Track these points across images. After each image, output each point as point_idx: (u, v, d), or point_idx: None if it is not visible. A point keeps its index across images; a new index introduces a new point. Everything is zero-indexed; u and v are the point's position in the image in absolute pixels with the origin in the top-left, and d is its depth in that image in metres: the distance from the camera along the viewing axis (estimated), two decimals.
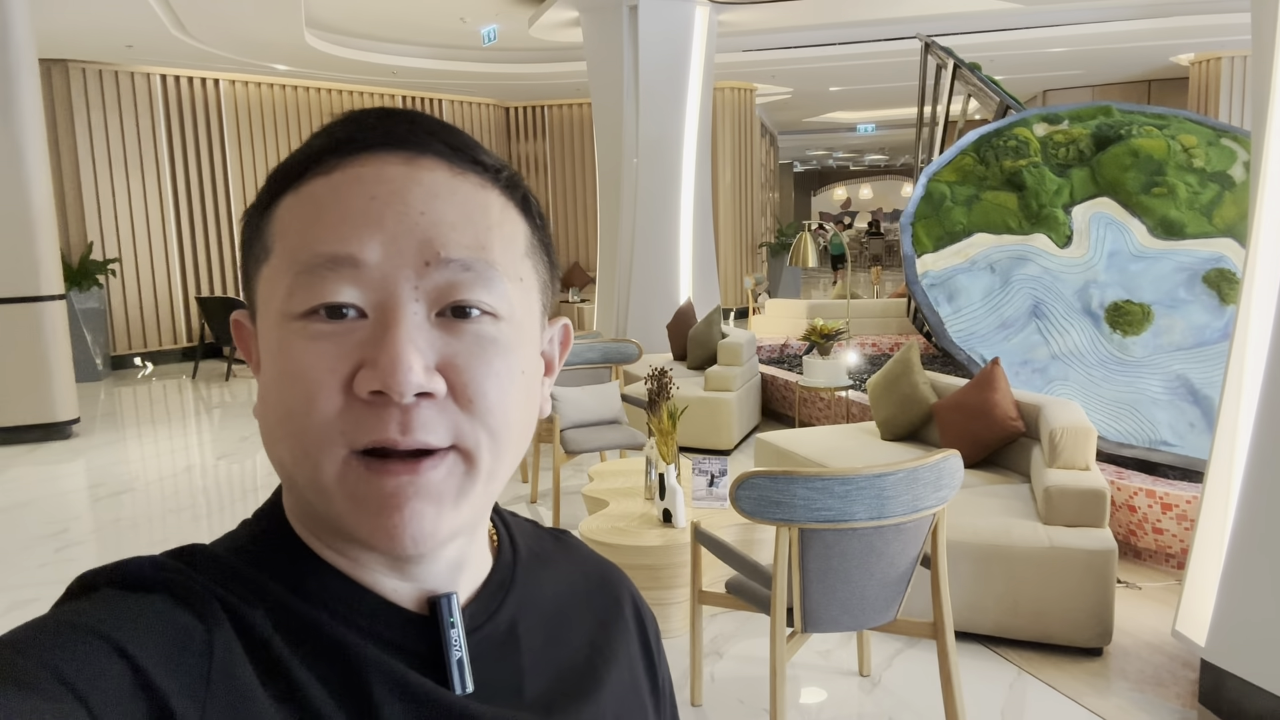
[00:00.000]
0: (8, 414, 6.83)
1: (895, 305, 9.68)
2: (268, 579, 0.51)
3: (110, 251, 10.54)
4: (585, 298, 13.23)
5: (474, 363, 0.50)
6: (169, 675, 0.43)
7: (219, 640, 0.45)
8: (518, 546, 0.62)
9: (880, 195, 34.46)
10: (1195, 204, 5.71)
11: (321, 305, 0.48)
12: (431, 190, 0.50)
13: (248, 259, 0.54)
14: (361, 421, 0.48)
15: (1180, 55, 12.46)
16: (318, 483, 0.49)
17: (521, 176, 0.56)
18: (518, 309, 0.53)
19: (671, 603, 3.41)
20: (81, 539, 4.83)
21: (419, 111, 0.53)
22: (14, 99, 6.60)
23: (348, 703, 0.48)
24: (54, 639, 0.42)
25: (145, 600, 0.46)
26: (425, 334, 0.49)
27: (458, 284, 0.49)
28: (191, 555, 0.51)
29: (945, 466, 2.51)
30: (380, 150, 0.51)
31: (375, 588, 0.53)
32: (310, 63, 10.67)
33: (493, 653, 0.55)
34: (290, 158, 0.53)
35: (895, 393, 4.49)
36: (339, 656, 0.49)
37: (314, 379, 0.48)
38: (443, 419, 0.49)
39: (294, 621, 0.49)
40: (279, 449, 0.50)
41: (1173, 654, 3.21)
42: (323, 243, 0.49)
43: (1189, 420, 4.84)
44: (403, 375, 0.46)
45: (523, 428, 0.53)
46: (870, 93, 15.26)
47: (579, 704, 0.58)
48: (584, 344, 5.35)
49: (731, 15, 9.54)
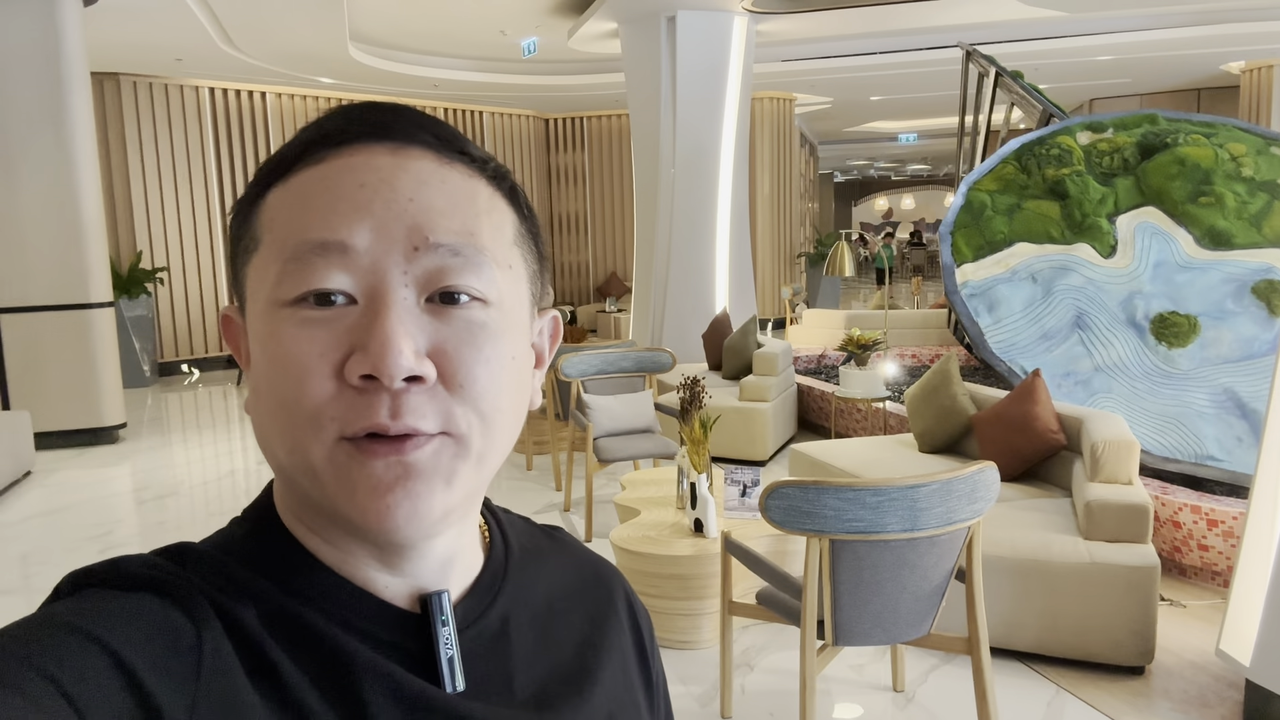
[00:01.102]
0: (57, 418, 7.00)
1: (935, 316, 9.57)
2: (258, 577, 0.51)
3: (159, 260, 10.78)
4: (622, 307, 13.25)
5: (464, 348, 0.49)
6: (157, 674, 0.42)
7: (208, 639, 0.45)
8: (510, 543, 0.62)
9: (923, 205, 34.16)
10: (1244, 214, 5.58)
11: (311, 292, 0.48)
12: (420, 178, 0.51)
13: (236, 252, 0.54)
14: (352, 407, 0.48)
15: (1231, 63, 12.21)
16: (309, 468, 0.49)
17: (508, 169, 0.56)
18: (507, 296, 0.53)
19: (702, 613, 3.39)
20: (125, 541, 4.92)
21: (406, 105, 0.54)
22: (67, 111, 6.78)
23: (338, 701, 0.48)
24: (41, 638, 0.42)
25: (134, 599, 0.46)
26: (415, 319, 0.49)
27: (447, 269, 0.50)
28: (181, 554, 0.51)
29: (981, 479, 2.47)
30: (369, 141, 0.51)
31: (367, 585, 0.52)
32: (354, 75, 10.84)
33: (484, 651, 0.55)
34: (279, 150, 0.53)
35: (933, 404, 4.43)
36: (329, 655, 0.49)
37: (305, 365, 0.48)
38: (433, 404, 0.49)
39: (284, 620, 0.49)
40: (271, 438, 0.50)
41: (1217, 674, 3.12)
42: (312, 230, 0.49)
43: (1236, 434, 4.72)
44: (393, 359, 0.46)
45: (514, 413, 0.53)
46: (911, 102, 15.13)
47: (572, 701, 0.57)
48: (618, 353, 5.35)
49: (770, 25, 9.52)
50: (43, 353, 6.94)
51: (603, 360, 5.25)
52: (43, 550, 4.79)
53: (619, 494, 4.12)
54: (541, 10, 9.21)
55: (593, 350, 5.41)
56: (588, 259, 15.05)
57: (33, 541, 4.95)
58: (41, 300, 6.89)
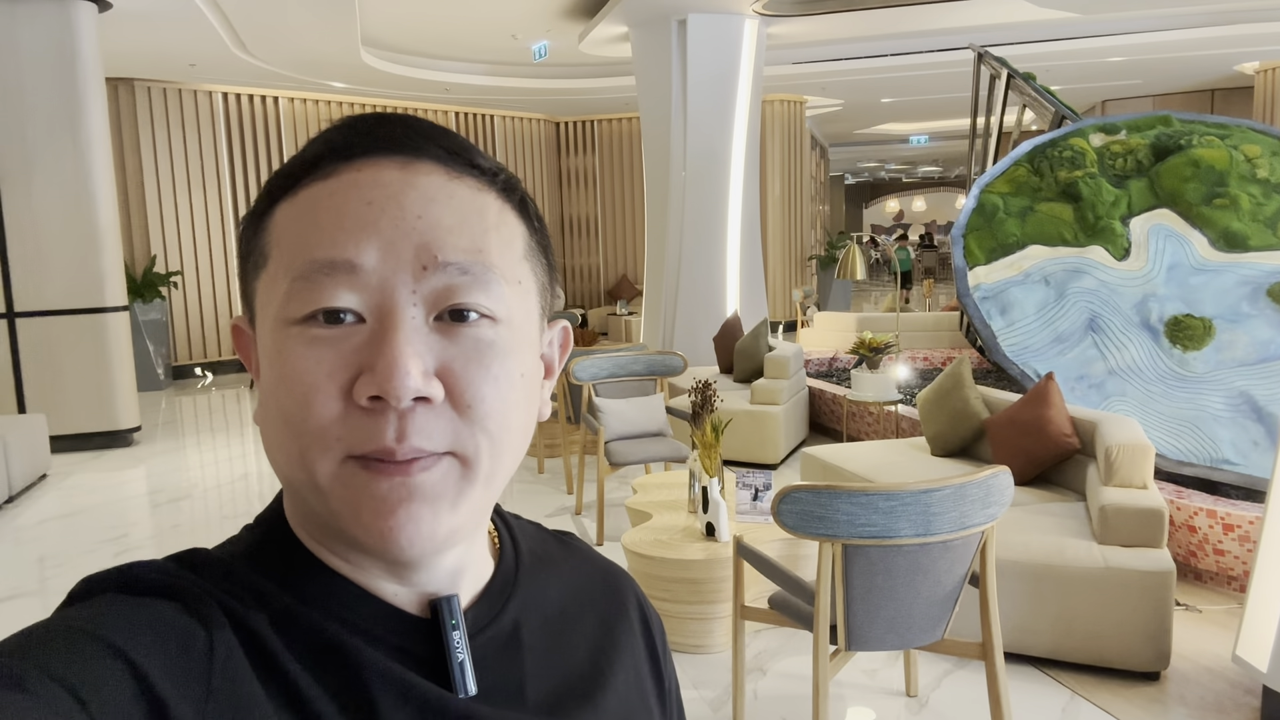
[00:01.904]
0: (72, 421, 7.05)
1: (948, 319, 9.54)
2: (269, 583, 0.51)
3: (173, 264, 10.85)
4: (633, 310, 13.25)
5: (471, 367, 0.49)
6: (169, 679, 0.43)
7: (220, 644, 0.46)
8: (520, 549, 0.62)
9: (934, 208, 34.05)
10: (1259, 215, 5.54)
11: (319, 310, 0.48)
12: (428, 194, 0.50)
13: (246, 265, 0.54)
14: (359, 428, 0.48)
15: (1245, 64, 12.13)
16: (314, 486, 0.49)
17: (519, 180, 0.56)
18: (516, 312, 0.52)
19: (714, 617, 3.39)
20: (140, 544, 4.95)
21: (415, 116, 0.53)
22: (82, 117, 6.84)
23: (350, 706, 0.48)
24: (54, 643, 0.42)
25: (146, 604, 0.46)
26: (423, 338, 0.49)
27: (455, 287, 0.49)
28: (193, 559, 0.51)
29: (994, 483, 2.46)
30: (376, 155, 0.51)
31: (377, 592, 0.53)
32: (366, 80, 10.89)
33: (496, 656, 0.55)
34: (287, 164, 0.53)
35: (946, 408, 4.42)
36: (340, 660, 0.49)
37: (311, 384, 0.48)
38: (440, 425, 0.48)
39: (295, 625, 0.49)
40: (277, 453, 0.51)
41: (1234, 680, 3.10)
42: (319, 248, 0.49)
43: (1252, 438, 4.69)
44: (400, 380, 0.46)
45: (522, 431, 0.53)
46: (923, 104, 15.10)
47: (583, 706, 0.57)
48: (629, 356, 5.35)
49: (781, 28, 9.52)
50: (58, 356, 6.99)
51: (614, 364, 5.25)
52: (59, 553, 4.83)
53: (630, 497, 4.12)
54: (552, 14, 9.24)
55: (604, 354, 5.41)
56: (598, 262, 15.07)
57: (50, 544, 4.98)
58: (57, 304, 6.94)
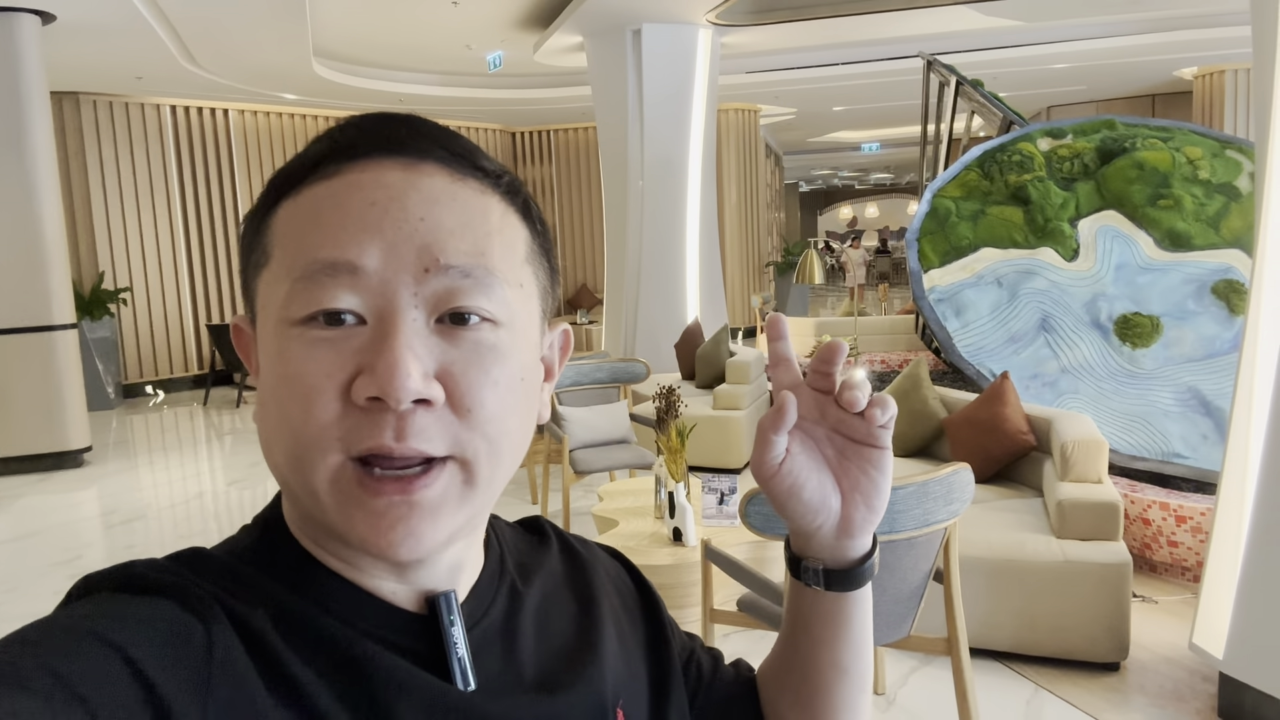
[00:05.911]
0: (21, 443, 6.87)
1: (903, 322, 9.66)
2: (268, 581, 0.51)
3: (121, 281, 10.61)
4: (593, 319, 13.25)
5: (472, 370, 0.49)
6: (169, 677, 0.43)
7: (219, 641, 0.46)
8: (503, 539, 0.64)
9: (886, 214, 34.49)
10: (1202, 215, 5.71)
11: (320, 311, 0.48)
12: (431, 196, 0.50)
13: (247, 264, 0.54)
14: (358, 428, 0.48)
15: (1184, 69, 12.48)
16: (312, 488, 0.49)
17: (522, 182, 0.56)
18: (518, 315, 0.53)
19: (683, 621, 3.39)
20: (94, 566, 4.76)
21: (420, 117, 0.53)
22: (26, 131, 6.68)
23: (351, 702, 0.48)
24: (54, 641, 0.42)
25: (146, 602, 0.46)
26: (424, 341, 0.49)
27: (457, 290, 0.49)
28: (192, 558, 0.51)
29: (956, 480, 2.50)
30: (380, 156, 0.51)
31: (375, 590, 0.53)
32: (318, 91, 10.78)
33: (492, 645, 0.56)
34: (290, 163, 0.52)
35: (904, 408, 4.48)
36: (340, 656, 0.49)
37: (311, 384, 0.48)
38: (439, 428, 0.48)
39: (294, 622, 0.49)
40: (276, 453, 0.50)
41: (1191, 668, 3.17)
42: (321, 249, 0.49)
43: (1201, 432, 4.81)
44: (400, 381, 0.46)
45: (521, 435, 0.53)
46: (874, 112, 15.31)
47: (579, 675, 0.58)
48: (592, 364, 5.35)
49: (734, 38, 9.61)
50: (5, 376, 6.80)
51: (577, 372, 5.25)
52: (10, 577, 4.69)
53: (596, 505, 4.12)
54: (507, 24, 9.22)
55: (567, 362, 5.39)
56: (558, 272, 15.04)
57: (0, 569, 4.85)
58: (3, 323, 6.77)
